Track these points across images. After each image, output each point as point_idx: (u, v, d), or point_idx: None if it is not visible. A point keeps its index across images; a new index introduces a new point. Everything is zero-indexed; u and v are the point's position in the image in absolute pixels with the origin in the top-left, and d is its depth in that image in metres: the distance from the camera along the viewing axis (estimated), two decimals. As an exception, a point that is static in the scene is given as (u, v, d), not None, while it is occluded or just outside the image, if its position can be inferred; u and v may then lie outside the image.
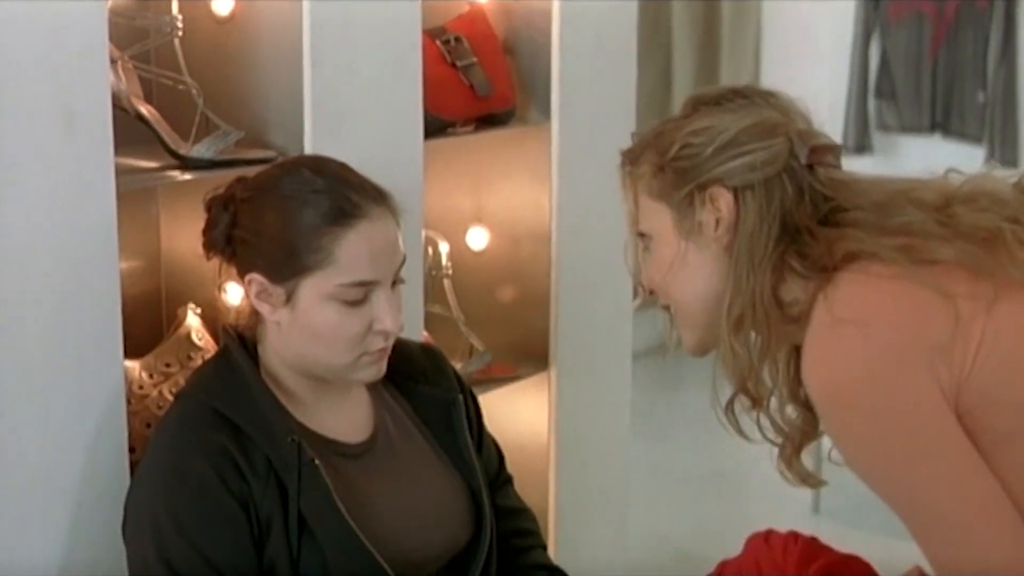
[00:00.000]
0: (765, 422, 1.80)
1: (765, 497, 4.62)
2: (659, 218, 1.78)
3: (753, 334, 1.73)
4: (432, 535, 1.99)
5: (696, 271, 1.75)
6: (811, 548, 1.95)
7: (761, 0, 5.47)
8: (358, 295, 1.89)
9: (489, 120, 2.76)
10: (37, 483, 1.94)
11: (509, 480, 2.21)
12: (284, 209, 1.90)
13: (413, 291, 2.42)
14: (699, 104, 1.79)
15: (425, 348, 2.18)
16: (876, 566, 1.96)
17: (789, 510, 4.27)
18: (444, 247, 2.76)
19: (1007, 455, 1.62)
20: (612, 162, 1.86)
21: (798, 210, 1.71)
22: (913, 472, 1.61)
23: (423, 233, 2.59)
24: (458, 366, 2.63)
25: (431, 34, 2.67)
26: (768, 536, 1.99)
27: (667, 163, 1.75)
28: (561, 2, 2.79)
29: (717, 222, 1.73)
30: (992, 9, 4.81)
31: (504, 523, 2.12)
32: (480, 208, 2.95)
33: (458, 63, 2.70)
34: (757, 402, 1.78)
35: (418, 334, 2.48)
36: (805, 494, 4.27)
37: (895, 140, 5.08)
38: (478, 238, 2.95)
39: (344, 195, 1.91)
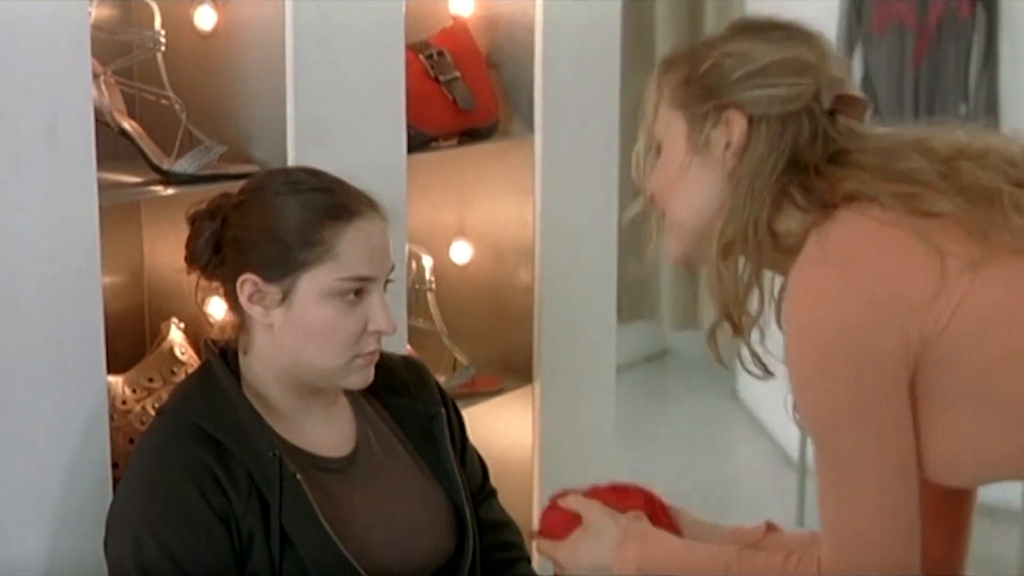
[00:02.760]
0: (746, 353, 1.82)
1: (749, 510, 4.63)
2: (674, 127, 1.80)
3: (742, 261, 1.76)
4: (414, 549, 1.99)
5: (696, 186, 1.78)
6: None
7: (744, 13, 5.49)
8: (356, 291, 1.90)
9: (472, 134, 2.77)
10: (19, 498, 1.94)
11: (493, 493, 2.21)
12: (280, 205, 1.92)
13: (396, 305, 2.42)
14: (743, 28, 1.82)
15: (408, 361, 2.18)
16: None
17: (773, 522, 4.28)
18: (428, 261, 2.76)
19: (951, 412, 1.67)
20: (596, 175, 1.86)
21: (810, 150, 1.73)
22: (841, 419, 1.66)
23: (406, 247, 2.60)
24: (442, 380, 2.63)
25: (414, 48, 2.67)
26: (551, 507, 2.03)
27: (695, 77, 1.78)
28: (544, 15, 2.79)
29: (727, 145, 1.75)
30: (974, 22, 4.83)
31: (488, 537, 2.12)
32: (463, 222, 2.95)
33: (441, 77, 2.70)
34: (737, 329, 1.79)
35: (402, 348, 2.48)
36: (789, 507, 4.28)
37: (877, 152, 5.09)
38: (462, 252, 2.95)
39: (341, 192, 1.94)
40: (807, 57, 1.77)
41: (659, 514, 1.97)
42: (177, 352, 2.28)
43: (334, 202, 1.92)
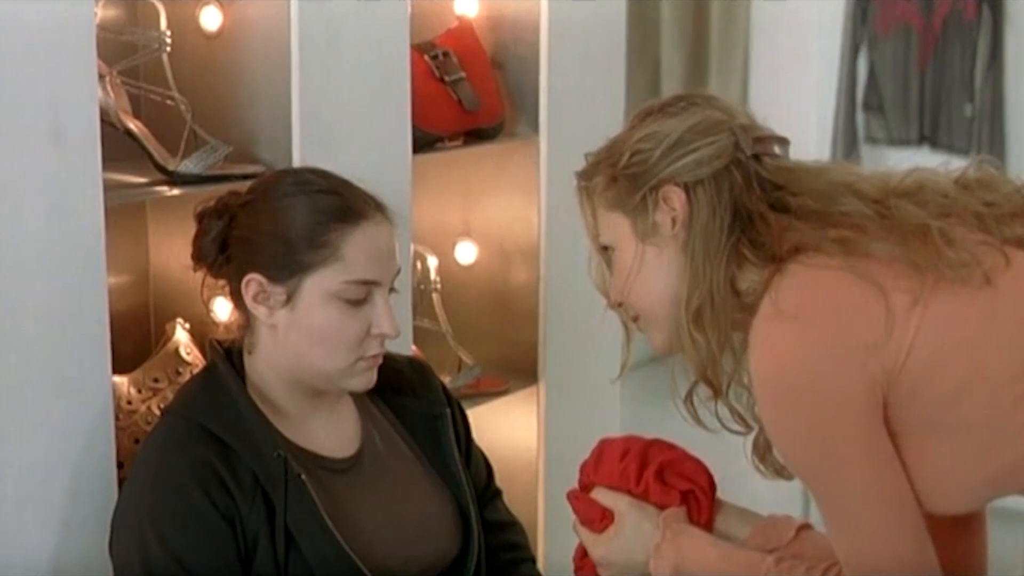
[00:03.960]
0: (724, 412, 1.83)
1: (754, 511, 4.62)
2: (617, 227, 1.82)
3: (712, 324, 1.77)
4: (419, 549, 1.99)
5: (656, 272, 1.79)
6: (647, 451, 1.99)
7: (749, 14, 5.49)
8: (360, 294, 1.90)
9: (477, 134, 2.77)
10: (25, 498, 1.94)
11: (498, 494, 2.21)
12: (288, 206, 1.91)
13: (402, 305, 2.42)
14: (645, 115, 1.83)
15: (413, 362, 2.18)
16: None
17: (778, 523, 4.27)
18: (433, 261, 2.76)
19: (929, 444, 1.68)
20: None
21: (749, 197, 1.75)
22: (828, 464, 1.68)
23: (412, 247, 2.60)
24: (447, 380, 2.63)
25: (419, 49, 2.67)
26: (602, 449, 2.02)
27: (619, 173, 1.79)
28: (549, 16, 2.79)
29: (673, 221, 1.77)
30: (979, 22, 4.82)
31: (493, 537, 2.12)
32: (468, 222, 2.95)
33: (446, 78, 2.70)
34: (717, 391, 1.81)
35: (407, 348, 2.48)
36: (794, 509, 4.27)
37: (883, 153, 5.09)
38: (467, 252, 2.95)
39: (349, 195, 1.93)
40: (714, 115, 1.79)
41: (699, 503, 1.94)
42: (182, 352, 2.28)
43: (341, 204, 1.91)
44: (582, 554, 1.99)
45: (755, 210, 1.74)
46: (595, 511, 1.96)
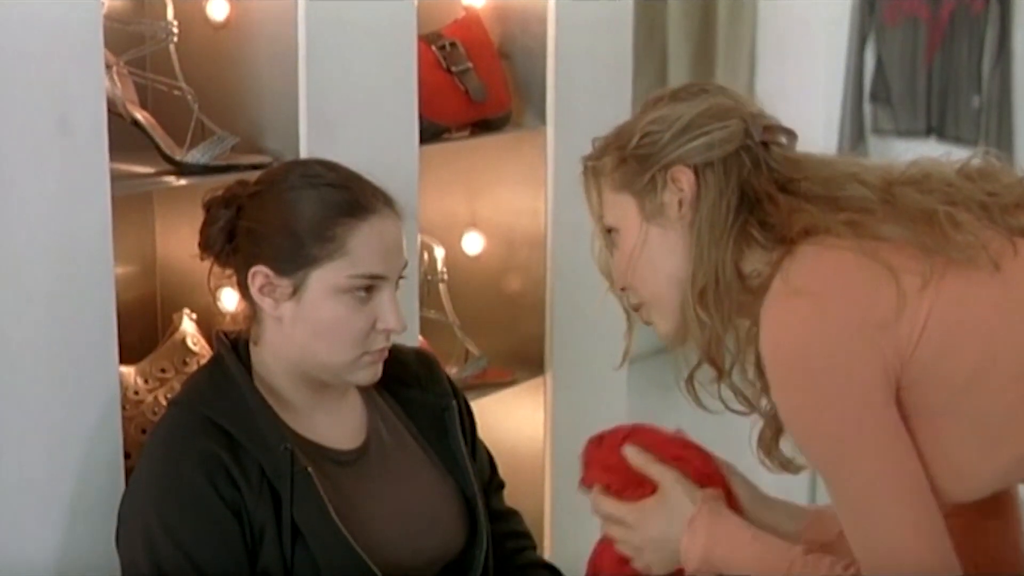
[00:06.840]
0: (727, 394, 1.83)
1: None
2: (623, 208, 1.82)
3: (716, 304, 1.77)
4: (426, 542, 1.99)
5: (661, 253, 1.79)
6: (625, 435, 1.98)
7: (756, 5, 5.48)
8: (367, 288, 1.89)
9: (484, 125, 2.77)
10: (32, 489, 1.94)
11: (501, 486, 2.21)
12: (295, 199, 1.91)
13: (409, 296, 2.42)
14: (657, 99, 1.84)
15: (419, 354, 2.18)
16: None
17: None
18: (439, 252, 2.76)
19: (942, 429, 1.68)
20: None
21: (758, 179, 1.76)
22: (842, 443, 1.67)
23: (419, 238, 2.60)
24: (453, 371, 2.63)
25: (426, 40, 2.67)
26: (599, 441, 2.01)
27: (629, 154, 1.80)
28: (556, 7, 2.79)
29: (680, 202, 1.77)
30: (987, 14, 4.82)
31: (497, 526, 2.12)
32: (475, 213, 2.95)
33: (453, 68, 2.70)
34: (721, 372, 1.81)
35: (414, 339, 2.48)
36: (801, 498, 4.27)
37: (890, 144, 5.09)
38: (473, 243, 2.95)
39: (357, 189, 1.93)
40: (725, 102, 1.81)
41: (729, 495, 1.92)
42: (189, 343, 2.28)
43: (349, 198, 1.91)
44: (604, 549, 1.97)
45: (764, 191, 1.75)
46: (636, 478, 1.92)
